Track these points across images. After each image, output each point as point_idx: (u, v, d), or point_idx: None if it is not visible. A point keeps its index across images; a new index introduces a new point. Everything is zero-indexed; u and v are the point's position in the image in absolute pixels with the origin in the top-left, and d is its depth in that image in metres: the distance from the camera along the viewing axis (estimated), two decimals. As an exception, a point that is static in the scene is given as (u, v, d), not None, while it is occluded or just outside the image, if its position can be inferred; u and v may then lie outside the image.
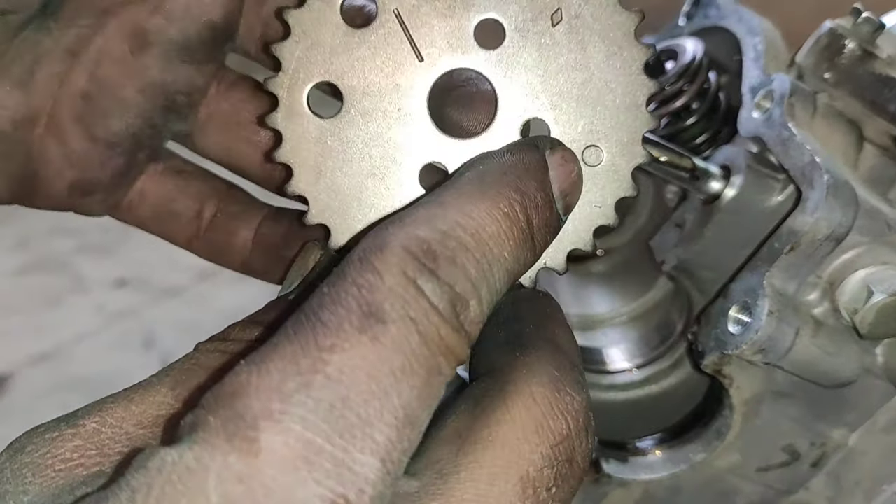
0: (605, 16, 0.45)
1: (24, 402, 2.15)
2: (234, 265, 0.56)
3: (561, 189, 0.41)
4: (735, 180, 0.57)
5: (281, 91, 0.46)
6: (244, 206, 0.56)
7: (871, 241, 0.52)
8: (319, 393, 0.30)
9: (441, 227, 0.35)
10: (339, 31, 0.45)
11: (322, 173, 0.46)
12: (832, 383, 0.54)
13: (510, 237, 0.36)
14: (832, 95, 0.59)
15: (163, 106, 0.53)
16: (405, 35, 0.46)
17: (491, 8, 0.45)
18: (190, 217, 0.56)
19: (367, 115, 0.46)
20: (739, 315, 0.52)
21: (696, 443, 0.58)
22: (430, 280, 0.33)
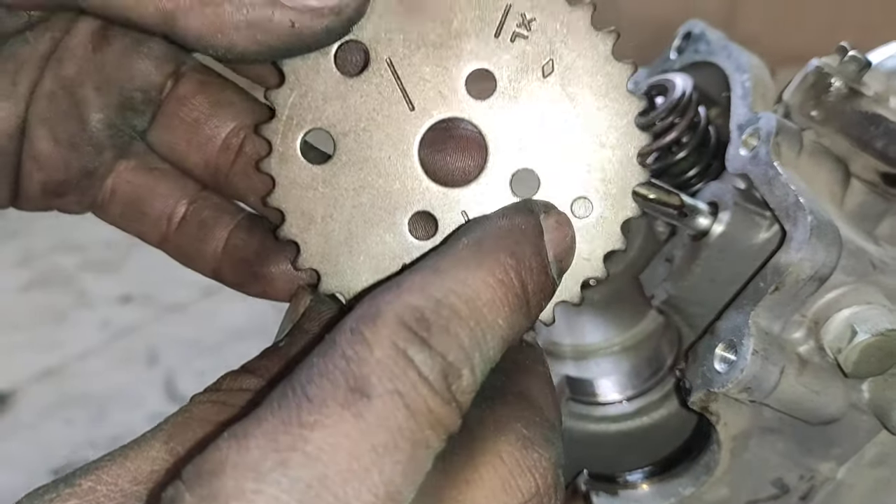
0: (597, 67, 0.45)
1: (29, 418, 2.16)
2: (205, 272, 0.55)
3: (556, 253, 0.41)
4: (723, 217, 0.57)
5: (274, 137, 0.47)
6: (215, 212, 0.55)
7: (856, 280, 0.53)
8: (297, 472, 0.30)
9: (436, 294, 0.35)
10: (332, 78, 0.46)
11: (313, 219, 0.47)
12: (818, 420, 0.55)
13: (505, 303, 0.36)
14: (819, 132, 0.60)
15: (119, 104, 0.52)
16: (397, 84, 0.46)
17: (482, 58, 0.45)
18: (158, 218, 0.55)
19: (359, 162, 0.46)
20: (725, 353, 0.53)
21: (685, 477, 0.59)
22: (422, 350, 0.33)
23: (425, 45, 0.45)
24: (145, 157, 0.55)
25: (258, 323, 2.45)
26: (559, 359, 0.71)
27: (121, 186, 0.54)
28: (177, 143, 0.54)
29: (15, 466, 2.05)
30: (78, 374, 2.24)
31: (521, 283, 0.38)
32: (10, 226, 2.72)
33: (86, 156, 0.52)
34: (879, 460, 0.59)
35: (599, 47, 0.45)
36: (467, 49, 0.45)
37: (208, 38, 0.41)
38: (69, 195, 0.54)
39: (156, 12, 0.41)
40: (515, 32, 0.45)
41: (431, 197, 0.47)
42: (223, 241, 0.54)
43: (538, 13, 0.45)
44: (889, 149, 0.59)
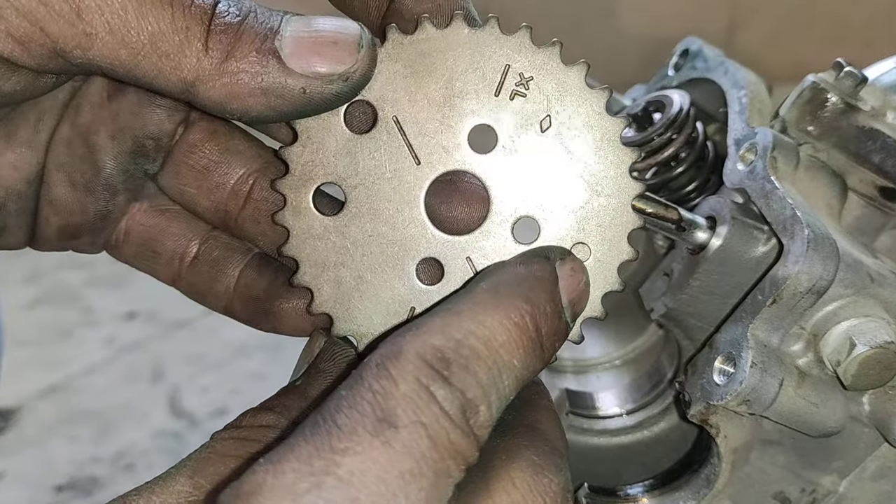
0: (592, 122, 0.48)
1: (34, 434, 2.16)
2: (217, 309, 0.57)
3: (570, 299, 0.43)
4: (720, 231, 0.58)
5: (288, 192, 0.49)
6: (226, 251, 0.57)
7: (854, 293, 0.53)
8: (330, 493, 0.32)
9: (455, 335, 0.37)
10: (342, 136, 0.49)
11: (325, 267, 0.49)
12: (818, 433, 0.55)
13: (520, 346, 0.39)
14: (816, 147, 0.60)
15: (132, 150, 0.54)
16: (403, 140, 0.49)
17: (483, 115, 0.48)
18: (171, 257, 0.57)
19: (368, 213, 0.49)
20: (724, 366, 0.53)
21: (685, 490, 0.59)
22: (443, 387, 0.36)
23: (429, 103, 0.48)
24: (157, 199, 0.57)
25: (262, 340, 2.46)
26: (560, 372, 0.72)
27: (134, 228, 0.56)
28: (187, 188, 0.56)
29: (20, 483, 2.05)
30: (83, 391, 2.25)
31: (536, 326, 0.40)
32: (16, 243, 2.74)
33: (101, 200, 0.54)
34: (881, 473, 0.59)
35: (593, 103, 0.48)
36: (469, 107, 0.48)
37: (226, 104, 0.44)
38: (84, 237, 0.56)
39: (178, 83, 0.43)
40: (514, 91, 0.48)
41: (437, 244, 0.49)
42: (234, 279, 0.56)
43: (535, 72, 0.48)
44: (886, 163, 0.60)
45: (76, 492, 2.05)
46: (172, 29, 0.42)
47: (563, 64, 0.48)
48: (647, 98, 0.67)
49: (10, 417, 2.18)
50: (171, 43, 0.42)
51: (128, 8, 0.41)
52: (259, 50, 0.43)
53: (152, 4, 0.42)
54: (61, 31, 0.41)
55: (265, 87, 0.43)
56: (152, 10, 0.41)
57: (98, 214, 0.55)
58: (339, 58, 0.44)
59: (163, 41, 0.42)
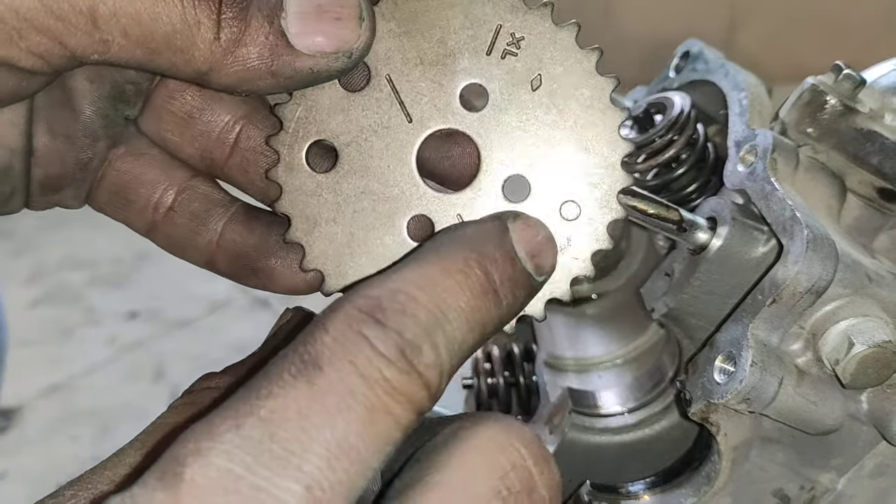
0: (583, 81, 0.48)
1: (36, 433, 2.17)
2: (196, 262, 0.56)
3: (528, 250, 0.42)
4: (721, 231, 0.59)
5: (282, 148, 0.50)
6: (206, 203, 0.55)
7: (852, 293, 0.54)
8: (248, 431, 0.33)
9: (392, 285, 0.37)
10: (336, 94, 0.49)
11: (317, 224, 0.49)
12: (817, 431, 0.56)
13: (466, 288, 0.38)
14: (815, 149, 0.61)
15: (110, 95, 0.53)
16: (396, 98, 0.49)
17: (475, 74, 0.49)
18: (144, 206, 0.55)
19: (360, 171, 0.49)
20: (724, 365, 0.54)
21: (686, 487, 0.59)
22: (376, 328, 0.35)
23: (422, 63, 0.49)
24: (134, 143, 0.55)
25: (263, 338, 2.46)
26: (562, 372, 0.73)
27: (108, 173, 0.55)
28: (169, 134, 0.55)
29: (21, 481, 2.06)
30: (84, 390, 2.26)
31: (484, 270, 0.39)
32: (18, 242, 2.74)
33: (80, 147, 0.53)
34: (879, 471, 0.60)
35: (584, 63, 0.48)
36: (461, 66, 0.49)
37: (237, 87, 0.45)
38: (66, 189, 0.54)
39: (191, 73, 0.44)
40: (506, 50, 0.49)
41: (428, 201, 0.49)
42: (217, 233, 0.55)
43: (527, 33, 0.48)
44: (885, 164, 0.61)
45: (78, 491, 2.06)
46: (184, 25, 0.42)
47: (554, 24, 0.48)
48: (649, 100, 0.68)
49: (12, 417, 2.19)
50: (183, 39, 0.43)
51: (141, 11, 0.42)
52: (267, 35, 0.44)
53: (164, 4, 0.42)
54: (79, 42, 0.42)
55: (275, 70, 0.44)
56: (164, 10, 0.42)
57: (78, 163, 0.53)
58: (342, 35, 0.45)
59: (176, 38, 0.43)
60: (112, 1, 0.41)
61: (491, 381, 0.79)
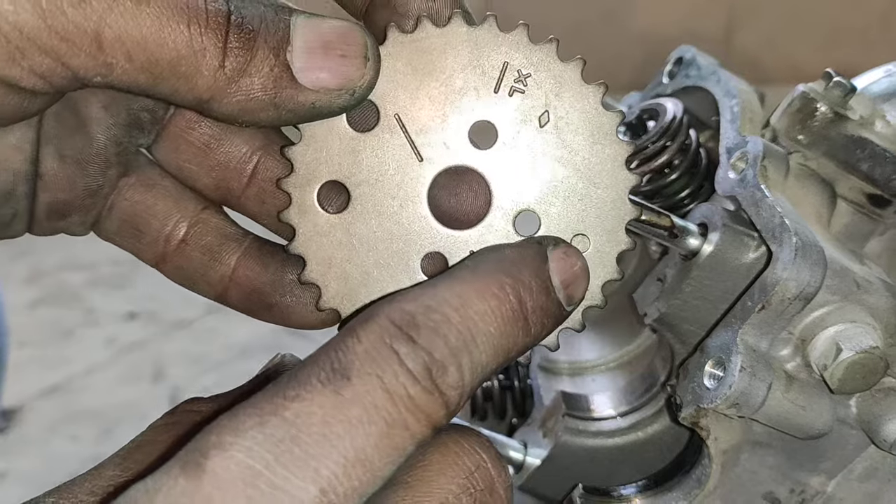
0: (589, 117, 0.49)
1: (36, 433, 2.18)
2: (207, 296, 0.56)
3: (562, 280, 0.43)
4: (712, 237, 0.59)
5: (293, 190, 0.50)
6: (218, 237, 0.55)
7: (841, 299, 0.54)
8: (272, 430, 0.34)
9: (427, 302, 0.38)
10: (345, 135, 0.50)
11: (332, 264, 0.50)
12: (806, 435, 0.56)
13: (498, 314, 0.39)
14: (806, 155, 0.61)
15: (126, 123, 0.53)
16: (405, 137, 0.50)
17: (483, 112, 0.49)
18: (156, 238, 0.55)
19: (373, 210, 0.50)
20: (714, 370, 0.54)
21: (677, 491, 0.60)
22: (407, 344, 0.37)
23: (430, 101, 0.49)
24: (146, 173, 0.55)
25: (262, 340, 2.47)
26: (556, 375, 0.73)
27: (118, 203, 0.55)
28: (187, 164, 0.55)
29: (21, 482, 2.07)
30: (84, 391, 2.26)
31: (518, 298, 0.40)
32: (19, 244, 2.75)
33: (90, 174, 0.53)
34: (868, 474, 0.61)
35: (590, 98, 0.49)
36: (469, 104, 0.49)
37: (238, 117, 0.45)
38: (73, 216, 0.54)
39: (193, 100, 0.44)
40: (513, 87, 0.49)
41: (441, 239, 0.50)
42: (230, 268, 0.55)
43: (533, 69, 0.49)
44: (875, 171, 0.61)
45: (78, 491, 2.07)
46: (189, 52, 0.42)
47: (559, 60, 0.49)
48: (642, 106, 0.69)
49: (12, 417, 2.19)
50: (188, 65, 0.43)
51: (147, 37, 0.42)
52: (272, 67, 0.44)
53: (171, 29, 0.42)
54: (82, 64, 0.42)
55: (277, 102, 0.45)
56: (171, 36, 0.42)
57: (87, 190, 0.53)
58: (347, 73, 0.45)
59: (180, 64, 0.42)
60: (118, 24, 0.41)
61: (486, 385, 0.80)
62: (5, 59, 0.41)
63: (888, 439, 0.56)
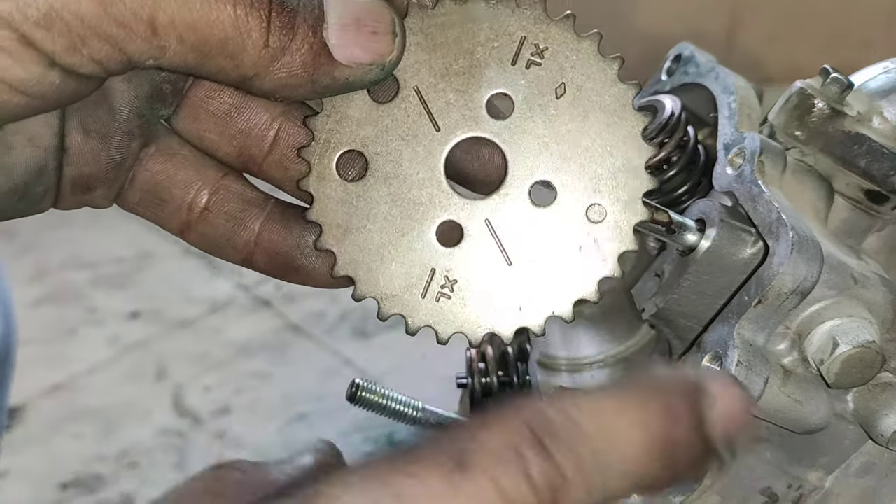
0: (605, 88, 0.50)
1: (38, 432, 2.18)
2: (233, 260, 0.56)
3: (723, 425, 0.37)
4: (710, 233, 0.59)
5: (313, 158, 0.51)
6: (240, 203, 0.55)
7: (837, 294, 0.55)
8: (378, 496, 0.33)
9: (570, 412, 0.35)
10: (365, 105, 0.51)
11: (348, 231, 0.51)
12: (803, 430, 0.56)
13: (642, 442, 0.36)
14: (803, 151, 0.62)
15: (148, 95, 0.53)
16: (424, 108, 0.50)
17: (501, 84, 0.50)
18: (178, 206, 0.55)
19: (390, 179, 0.51)
20: (711, 364, 0.55)
21: (675, 486, 0.60)
22: (537, 453, 0.34)
23: (449, 73, 0.50)
24: (165, 143, 0.55)
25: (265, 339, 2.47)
26: (555, 371, 0.73)
27: (139, 174, 0.55)
28: (208, 133, 0.55)
29: (24, 480, 2.07)
30: (87, 389, 2.26)
31: (665, 431, 0.36)
32: (22, 242, 2.76)
33: (114, 147, 0.53)
34: (865, 469, 0.61)
35: (607, 71, 0.50)
36: (487, 76, 0.50)
37: (276, 93, 0.47)
38: (97, 189, 0.54)
39: (237, 78, 0.46)
40: (530, 60, 0.50)
41: (456, 207, 0.51)
42: (255, 232, 0.55)
43: (550, 43, 0.50)
44: (872, 167, 0.61)
45: (80, 489, 2.07)
46: (236, 32, 0.44)
47: (576, 35, 0.50)
48: (640, 103, 0.69)
49: (15, 415, 2.20)
50: (235, 45, 0.44)
51: (198, 19, 0.43)
52: (312, 44, 0.45)
53: (219, 11, 0.43)
54: (137, 48, 0.43)
55: (315, 78, 0.46)
56: (219, 17, 0.43)
57: (111, 163, 0.53)
58: (378, 48, 0.47)
59: (228, 44, 0.44)
60: (171, 9, 0.43)
61: (485, 381, 0.80)
62: (67, 48, 0.43)
63: (885, 434, 0.56)
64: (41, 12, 0.41)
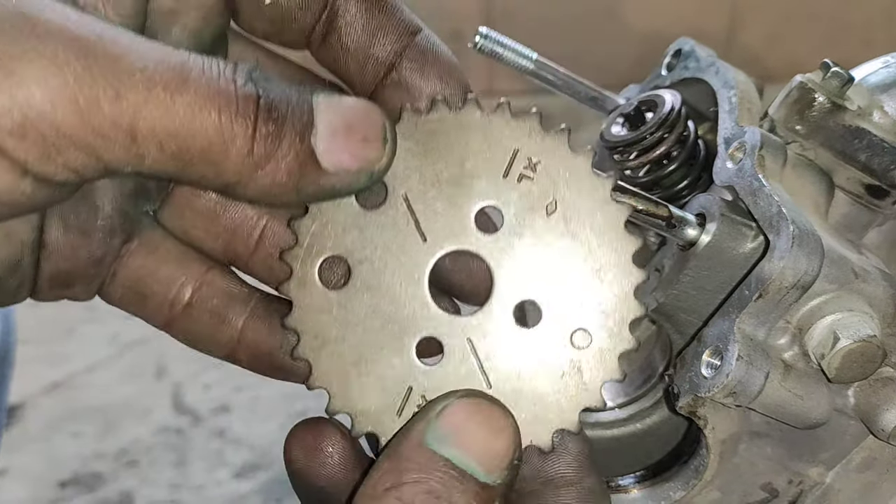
0: (597, 207, 0.49)
1: (37, 430, 2.18)
2: (218, 356, 0.56)
3: None
4: (710, 227, 0.59)
5: (295, 263, 0.50)
6: (225, 299, 0.55)
7: (838, 288, 0.54)
8: None
9: None
10: (352, 210, 0.49)
11: (326, 341, 0.49)
12: (804, 425, 0.56)
13: None
14: (804, 146, 0.61)
15: (132, 192, 0.53)
16: (412, 217, 0.49)
17: (491, 196, 0.49)
18: (161, 302, 0.54)
19: (372, 289, 0.49)
20: (711, 359, 0.54)
21: (675, 481, 0.60)
22: None
23: (439, 182, 0.49)
24: (148, 236, 0.55)
25: (264, 336, 2.49)
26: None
27: (120, 269, 0.54)
28: (192, 229, 0.55)
29: (23, 479, 2.07)
30: (86, 387, 2.27)
31: None
32: (20, 241, 2.76)
33: (95, 243, 0.53)
34: (866, 465, 0.61)
35: (599, 190, 0.49)
36: (478, 188, 0.49)
37: (260, 198, 0.45)
38: (76, 286, 0.53)
39: (219, 185, 0.44)
40: (522, 174, 0.49)
41: (438, 324, 0.50)
42: (237, 329, 0.55)
43: (543, 157, 0.49)
44: (872, 161, 0.61)
45: (80, 487, 2.07)
46: (219, 139, 0.42)
47: (570, 150, 0.49)
48: (640, 97, 0.69)
49: (14, 414, 2.20)
50: (217, 153, 0.42)
51: (180, 127, 0.41)
52: (298, 152, 0.43)
53: (202, 118, 0.41)
54: (115, 157, 0.41)
55: (300, 187, 0.44)
56: (202, 125, 0.41)
57: (90, 259, 0.52)
58: (367, 155, 0.45)
59: (210, 152, 0.42)
60: (152, 116, 0.40)
61: None
62: (40, 157, 0.40)
63: (886, 429, 0.56)
64: (15, 122, 0.39)
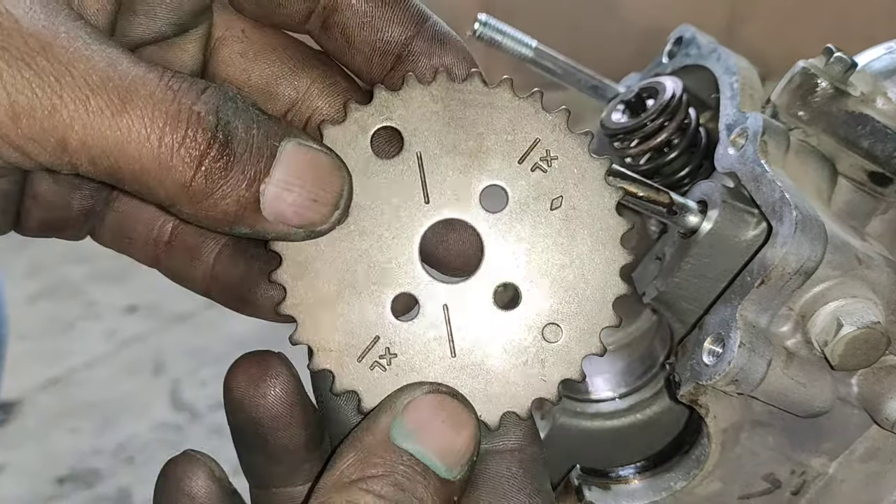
0: (600, 216, 0.49)
1: (35, 426, 2.18)
2: (199, 292, 0.58)
3: None
4: (711, 214, 0.58)
5: None
6: (199, 237, 0.56)
7: (841, 274, 0.53)
8: None
9: None
10: (364, 155, 0.50)
11: (306, 271, 0.49)
12: (806, 413, 0.55)
13: None
14: (806, 132, 0.61)
15: None
16: (420, 176, 0.50)
17: (502, 177, 0.50)
18: (145, 242, 0.57)
19: (365, 234, 0.50)
20: (713, 346, 0.54)
21: (676, 471, 0.59)
22: None
23: (455, 151, 0.50)
24: None
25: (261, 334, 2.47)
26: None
27: (108, 214, 0.56)
28: None
29: (21, 475, 2.07)
30: (84, 383, 2.26)
31: None
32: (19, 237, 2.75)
33: (86, 195, 0.55)
34: (870, 455, 0.60)
35: (606, 199, 0.50)
36: (491, 165, 0.50)
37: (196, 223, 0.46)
38: (68, 230, 0.56)
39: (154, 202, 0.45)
40: (537, 164, 0.50)
41: (419, 283, 0.50)
42: (210, 265, 0.56)
43: (561, 154, 0.50)
44: (875, 148, 0.60)
45: (77, 483, 2.07)
46: (154, 166, 0.42)
47: (589, 154, 0.49)
48: (641, 85, 0.68)
49: (12, 410, 2.19)
50: (151, 178, 0.43)
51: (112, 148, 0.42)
52: (241, 196, 0.44)
53: (139, 143, 0.42)
54: (48, 160, 0.43)
55: (234, 224, 0.45)
56: (136, 149, 0.42)
57: (81, 209, 0.55)
58: (311, 216, 0.46)
59: (144, 175, 0.43)
60: (85, 133, 0.41)
61: None
62: None
63: (890, 418, 0.55)
64: None
